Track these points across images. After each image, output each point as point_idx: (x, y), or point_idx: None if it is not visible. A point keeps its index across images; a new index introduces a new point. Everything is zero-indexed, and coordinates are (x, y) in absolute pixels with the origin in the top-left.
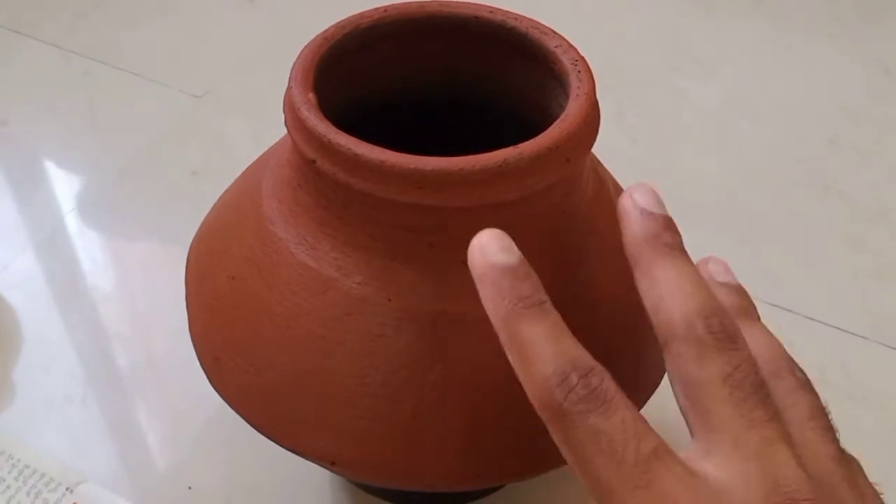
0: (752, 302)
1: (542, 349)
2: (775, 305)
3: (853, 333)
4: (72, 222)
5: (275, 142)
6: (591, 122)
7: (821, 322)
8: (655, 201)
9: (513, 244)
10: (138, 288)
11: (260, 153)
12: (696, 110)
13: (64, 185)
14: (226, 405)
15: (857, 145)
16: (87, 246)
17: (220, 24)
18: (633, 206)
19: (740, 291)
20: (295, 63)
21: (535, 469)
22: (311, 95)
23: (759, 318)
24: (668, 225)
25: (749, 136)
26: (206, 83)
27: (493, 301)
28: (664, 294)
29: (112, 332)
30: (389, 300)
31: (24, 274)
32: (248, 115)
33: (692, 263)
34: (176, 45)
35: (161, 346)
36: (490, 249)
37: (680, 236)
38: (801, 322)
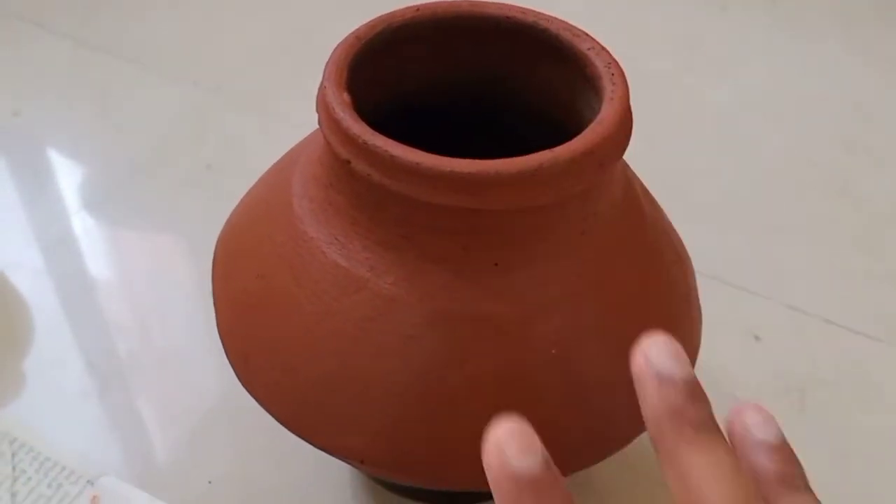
0: (798, 464)
1: None
2: (790, 307)
3: (868, 336)
4: (84, 216)
5: (288, 135)
6: (625, 127)
7: (836, 324)
8: (674, 359)
9: (535, 439)
10: (153, 282)
11: (273, 147)
12: (710, 110)
13: (76, 179)
14: (246, 401)
15: (872, 147)
16: (100, 239)
17: (233, 17)
18: (648, 370)
19: (783, 452)
20: (328, 62)
21: (560, 470)
22: (346, 95)
23: (806, 484)
24: (692, 393)
25: (763, 137)
26: (219, 77)
27: None
28: (693, 487)
29: (127, 326)
30: (421, 301)
31: (36, 267)
32: (261, 108)
33: (723, 441)
34: (189, 38)
35: (176, 340)
36: (509, 449)
37: (707, 404)
38: (816, 324)
